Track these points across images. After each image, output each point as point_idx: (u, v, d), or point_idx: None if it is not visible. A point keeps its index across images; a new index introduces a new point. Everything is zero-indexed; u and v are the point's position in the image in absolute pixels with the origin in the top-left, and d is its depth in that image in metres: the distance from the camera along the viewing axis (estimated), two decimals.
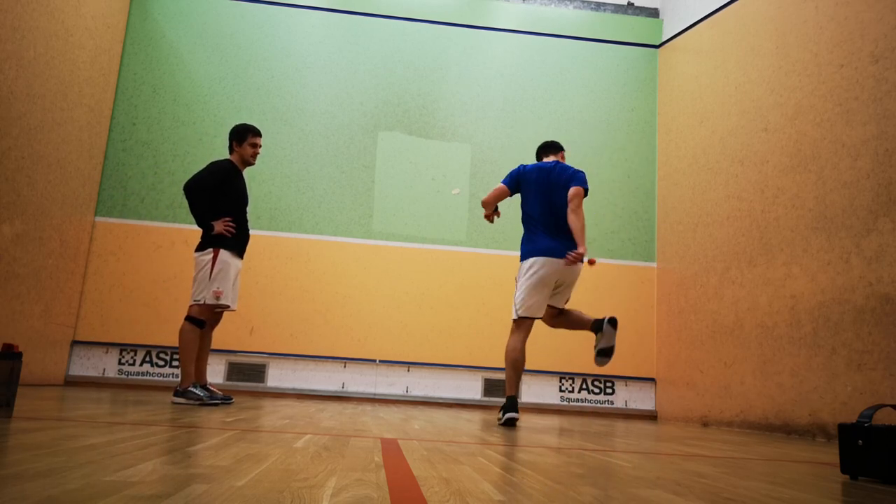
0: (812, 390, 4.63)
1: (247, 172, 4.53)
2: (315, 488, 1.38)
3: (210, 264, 4.07)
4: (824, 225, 4.71)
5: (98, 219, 6.22)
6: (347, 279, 6.43)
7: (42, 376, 5.48)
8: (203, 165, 4.37)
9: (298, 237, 6.45)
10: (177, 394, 4.06)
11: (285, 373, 6.23)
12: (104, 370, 6.02)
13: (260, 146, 4.37)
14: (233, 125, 4.49)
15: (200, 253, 4.12)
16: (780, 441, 4.19)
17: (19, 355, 2.62)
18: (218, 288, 4.07)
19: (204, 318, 4.13)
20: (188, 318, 4.10)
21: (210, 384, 4.28)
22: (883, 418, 3.66)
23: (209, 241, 4.11)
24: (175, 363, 6.08)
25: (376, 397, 6.27)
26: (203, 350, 4.23)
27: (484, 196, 4.43)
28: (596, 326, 4.14)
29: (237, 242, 4.22)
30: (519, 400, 4.29)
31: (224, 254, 4.11)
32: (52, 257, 5.44)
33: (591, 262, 4.14)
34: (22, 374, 2.70)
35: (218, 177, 4.16)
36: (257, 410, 3.96)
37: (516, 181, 4.23)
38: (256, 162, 4.45)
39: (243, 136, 4.31)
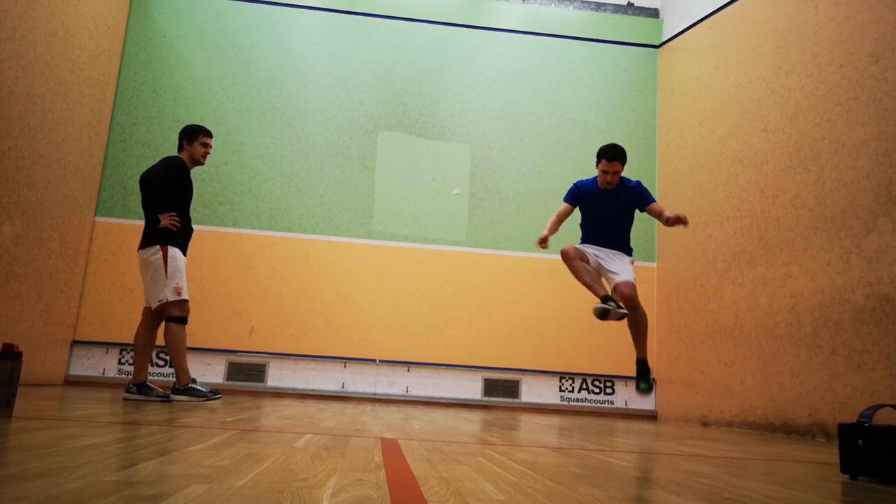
0: (812, 390, 4.63)
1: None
2: (315, 488, 1.38)
3: (162, 262, 4.06)
4: (824, 225, 4.71)
5: (98, 219, 6.22)
6: (347, 279, 6.43)
7: (42, 376, 5.48)
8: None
9: (298, 237, 6.44)
10: (177, 391, 4.07)
11: (285, 373, 6.23)
12: (104, 370, 6.02)
13: (211, 147, 4.35)
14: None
15: (147, 251, 4.07)
16: (780, 441, 4.19)
17: (19, 355, 2.62)
18: (177, 283, 4.06)
19: (184, 314, 4.12)
20: (171, 319, 4.09)
21: (197, 384, 4.22)
22: (883, 418, 3.66)
23: (154, 238, 4.08)
24: None
25: (376, 397, 6.27)
26: (149, 346, 4.20)
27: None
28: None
29: (181, 238, 4.20)
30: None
31: (171, 249, 4.09)
32: (52, 257, 5.44)
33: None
34: (22, 374, 2.69)
35: (175, 174, 4.16)
36: (257, 410, 3.96)
37: None
38: (206, 163, 4.41)
39: (194, 135, 4.28)
